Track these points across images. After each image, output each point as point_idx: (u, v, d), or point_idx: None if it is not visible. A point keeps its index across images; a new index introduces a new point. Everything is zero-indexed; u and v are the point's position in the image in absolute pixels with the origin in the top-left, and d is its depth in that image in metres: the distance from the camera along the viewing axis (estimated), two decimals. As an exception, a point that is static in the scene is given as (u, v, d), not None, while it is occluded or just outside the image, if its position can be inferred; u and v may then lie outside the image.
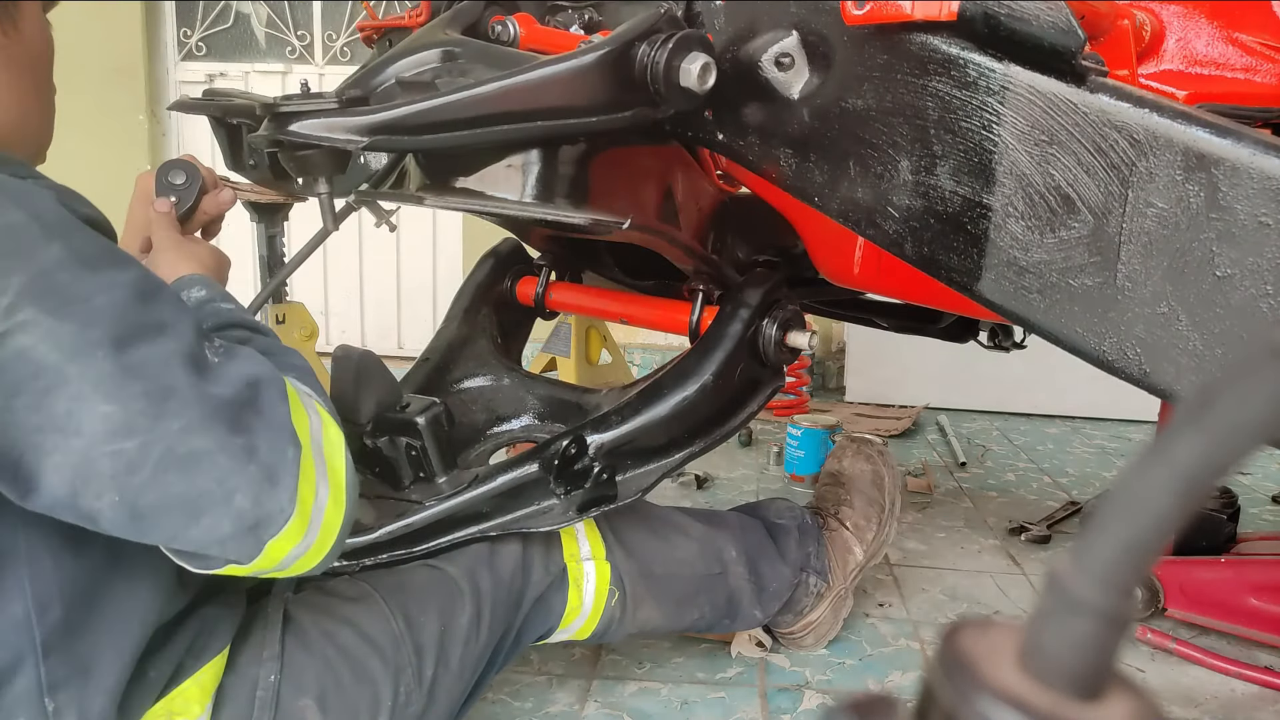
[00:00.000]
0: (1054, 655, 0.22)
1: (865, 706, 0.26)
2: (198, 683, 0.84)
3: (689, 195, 1.23)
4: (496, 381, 1.33)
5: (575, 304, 1.42)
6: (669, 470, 1.13)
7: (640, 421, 1.09)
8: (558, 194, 0.97)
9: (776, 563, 1.30)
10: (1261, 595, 1.40)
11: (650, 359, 3.55)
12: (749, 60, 0.89)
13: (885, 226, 0.84)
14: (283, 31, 3.55)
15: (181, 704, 0.83)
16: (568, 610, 1.14)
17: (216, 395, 0.67)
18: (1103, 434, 2.85)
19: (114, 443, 0.63)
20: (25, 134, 0.81)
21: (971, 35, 0.75)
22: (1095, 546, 0.22)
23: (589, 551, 1.15)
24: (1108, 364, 0.73)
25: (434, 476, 1.07)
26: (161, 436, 0.64)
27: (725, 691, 1.30)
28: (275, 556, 0.71)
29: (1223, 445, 0.21)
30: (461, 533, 1.06)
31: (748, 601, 1.28)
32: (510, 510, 1.07)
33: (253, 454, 0.67)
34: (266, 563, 0.71)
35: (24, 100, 0.80)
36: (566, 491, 1.06)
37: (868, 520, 1.42)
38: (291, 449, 0.70)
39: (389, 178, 1.03)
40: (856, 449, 1.49)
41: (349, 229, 3.42)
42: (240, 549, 0.69)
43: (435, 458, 1.06)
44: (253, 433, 0.68)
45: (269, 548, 0.70)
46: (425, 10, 1.16)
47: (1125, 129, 0.69)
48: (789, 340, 1.18)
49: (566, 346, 2.34)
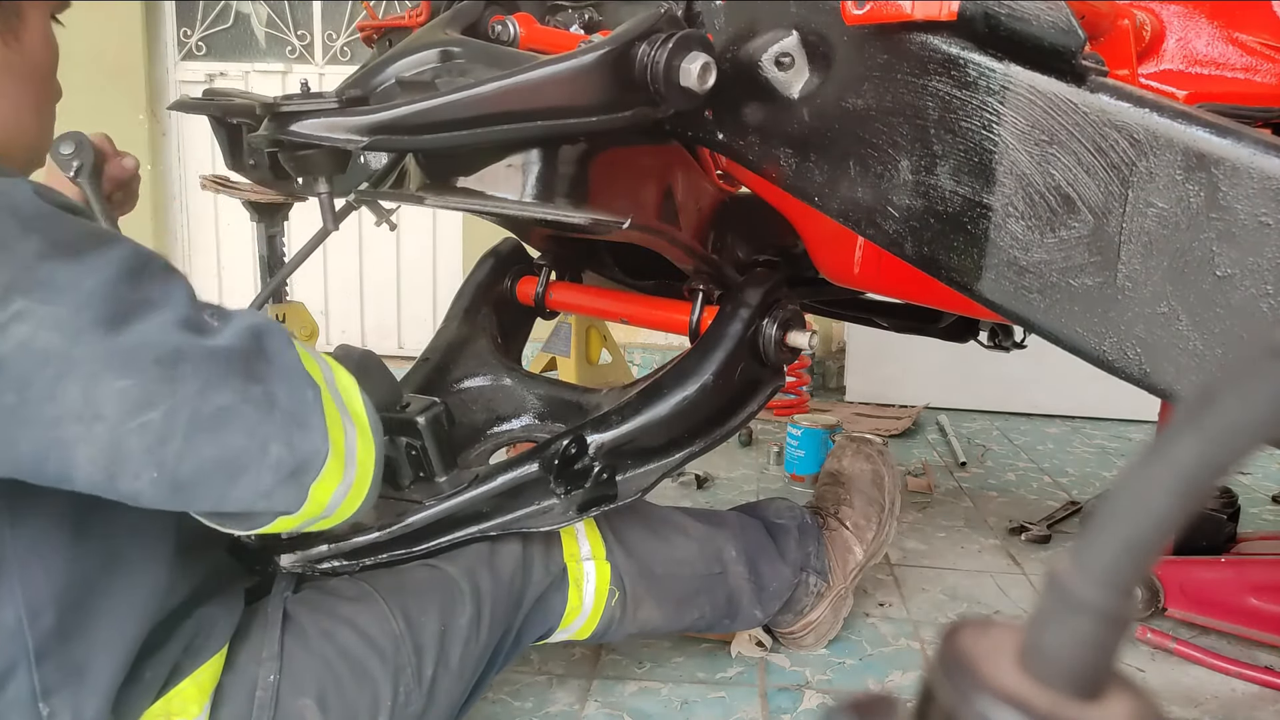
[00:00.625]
0: (1054, 655, 0.22)
1: (865, 706, 0.26)
2: (195, 682, 0.84)
3: (689, 195, 1.23)
4: (496, 381, 1.33)
5: (575, 303, 1.42)
6: (669, 470, 1.13)
7: (640, 421, 1.09)
8: (558, 194, 0.97)
9: (776, 562, 1.30)
10: (1261, 595, 1.40)
11: (650, 359, 3.55)
12: (749, 60, 0.89)
13: (885, 226, 0.84)
14: (283, 31, 3.55)
15: (179, 704, 0.83)
16: (568, 610, 1.14)
17: (224, 349, 0.66)
18: (1103, 434, 2.85)
19: (138, 416, 0.62)
20: (21, 143, 0.80)
21: (971, 35, 0.74)
22: (1095, 546, 0.22)
23: (589, 551, 1.15)
24: (1108, 364, 0.73)
25: (434, 476, 1.07)
26: (184, 400, 0.63)
27: (725, 691, 1.30)
28: (320, 500, 0.71)
29: (1223, 445, 0.21)
30: (461, 532, 1.06)
31: (748, 601, 1.28)
32: (510, 510, 1.07)
33: (274, 401, 0.67)
34: (314, 508, 0.71)
35: (20, 111, 0.79)
36: (566, 491, 1.06)
37: (867, 520, 1.42)
38: (310, 390, 0.69)
39: (389, 177, 1.03)
40: (856, 449, 1.49)
41: (349, 229, 3.42)
42: (286, 498, 0.68)
43: (435, 457, 1.06)
44: (268, 380, 0.67)
45: (313, 492, 0.70)
46: (425, 10, 1.16)
47: (1125, 129, 0.69)
48: (789, 340, 1.18)
49: (566, 346, 2.34)
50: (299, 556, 0.98)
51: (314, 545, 0.99)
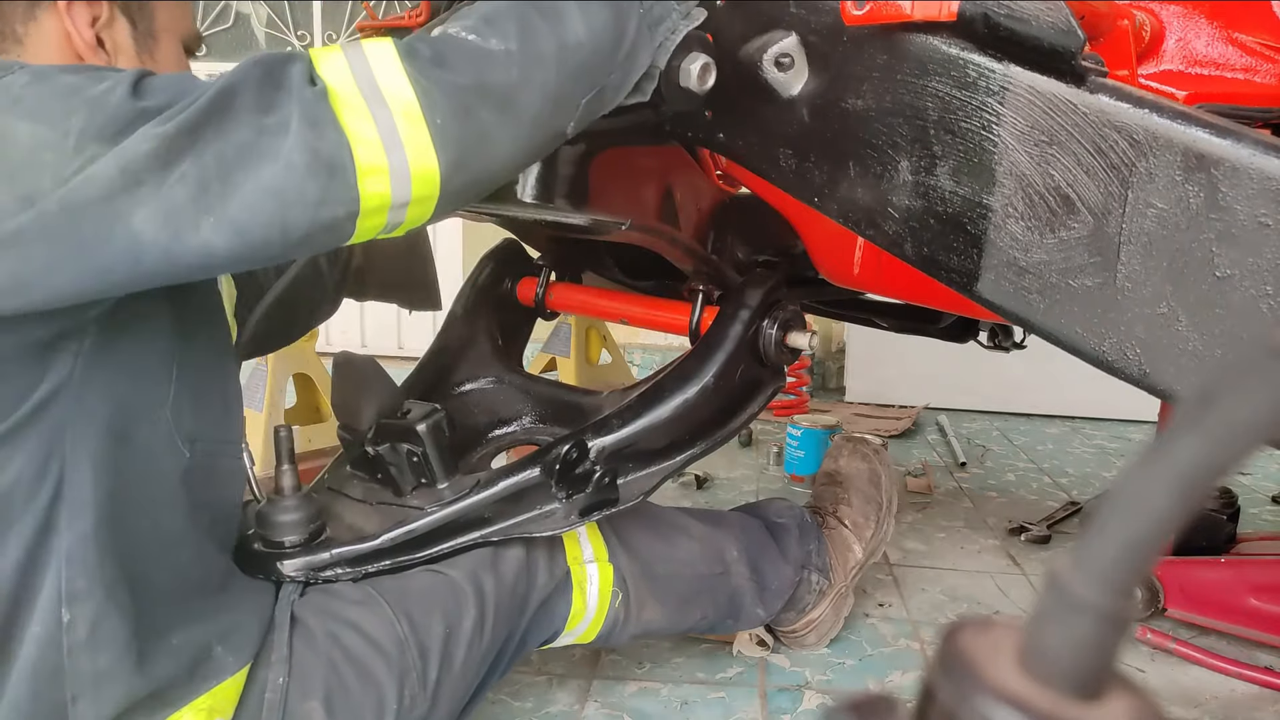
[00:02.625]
0: (1054, 655, 0.22)
1: (865, 706, 0.26)
2: (235, 683, 0.87)
3: (689, 195, 1.23)
4: (498, 384, 1.33)
5: (575, 303, 1.42)
6: (671, 472, 1.13)
7: (641, 424, 1.09)
8: (558, 194, 0.97)
9: (778, 561, 1.31)
10: (1261, 595, 1.40)
11: (650, 359, 3.55)
12: (749, 60, 0.89)
13: (885, 227, 0.84)
14: (283, 31, 3.55)
15: (223, 701, 0.86)
16: (572, 614, 1.14)
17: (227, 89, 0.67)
18: (1103, 434, 2.86)
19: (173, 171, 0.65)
20: None
21: (971, 36, 0.75)
22: (1095, 546, 0.22)
23: (591, 554, 1.14)
24: (1108, 364, 0.73)
25: (436, 482, 1.07)
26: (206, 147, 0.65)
27: (725, 691, 1.30)
28: (379, 192, 0.70)
29: (1223, 445, 0.21)
30: (464, 538, 1.05)
31: (750, 600, 1.28)
32: (512, 515, 1.07)
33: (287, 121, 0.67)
34: (377, 200, 0.70)
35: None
36: (568, 495, 1.06)
37: (866, 518, 1.42)
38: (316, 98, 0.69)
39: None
40: (852, 448, 1.49)
41: (349, 229, 3.42)
42: (340, 198, 0.69)
43: (437, 464, 1.06)
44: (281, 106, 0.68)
45: (362, 184, 0.69)
46: (425, 10, 1.16)
47: (1125, 129, 0.69)
48: (789, 340, 1.18)
49: (566, 347, 2.34)
50: (302, 564, 0.98)
51: (317, 553, 0.99)
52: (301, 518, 0.99)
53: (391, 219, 0.73)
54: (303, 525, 0.99)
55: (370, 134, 0.69)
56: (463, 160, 0.73)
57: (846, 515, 1.42)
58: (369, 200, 0.70)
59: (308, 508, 1.00)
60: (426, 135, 0.71)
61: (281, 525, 0.98)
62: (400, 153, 0.70)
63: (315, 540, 1.00)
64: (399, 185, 0.71)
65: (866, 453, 1.48)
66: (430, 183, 0.72)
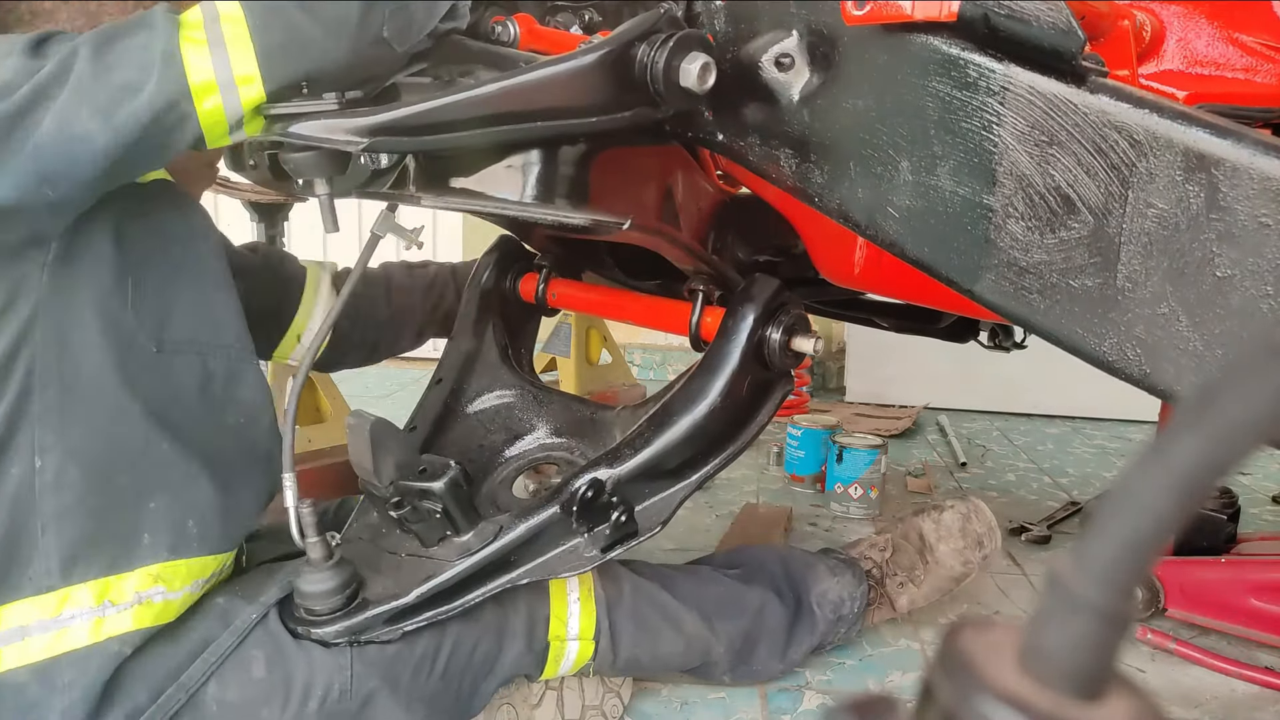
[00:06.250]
0: (1054, 655, 0.22)
1: (865, 706, 0.26)
2: (190, 564, 0.97)
3: (689, 195, 1.23)
4: (510, 396, 1.34)
5: (577, 300, 1.42)
6: (688, 493, 1.13)
7: (653, 450, 1.10)
8: (558, 194, 0.97)
9: (770, 660, 1.30)
10: (1261, 595, 1.40)
11: (650, 359, 3.55)
12: (749, 60, 0.89)
13: (885, 227, 0.84)
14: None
15: (169, 573, 0.96)
16: (542, 676, 1.17)
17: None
18: (1103, 434, 2.86)
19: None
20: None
21: (972, 36, 0.74)
22: (1095, 546, 0.22)
23: (577, 631, 1.15)
24: (1108, 364, 0.73)
25: (460, 533, 1.09)
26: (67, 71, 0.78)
27: (725, 692, 1.30)
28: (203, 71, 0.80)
29: (1223, 445, 0.21)
30: (493, 584, 1.07)
31: (719, 675, 1.29)
32: (537, 555, 1.09)
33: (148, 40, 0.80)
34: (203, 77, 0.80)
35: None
36: (589, 529, 1.08)
37: (918, 604, 1.42)
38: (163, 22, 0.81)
39: (389, 177, 1.03)
40: (966, 537, 1.39)
41: (349, 229, 3.42)
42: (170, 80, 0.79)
43: (459, 516, 1.09)
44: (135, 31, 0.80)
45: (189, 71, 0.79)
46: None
47: (1125, 129, 0.69)
48: (794, 345, 1.17)
49: (566, 346, 2.34)
50: (343, 628, 1.01)
51: (355, 616, 1.01)
52: (335, 586, 1.01)
53: (228, 101, 0.82)
54: (338, 592, 1.02)
55: (199, 35, 0.81)
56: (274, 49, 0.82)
57: (903, 597, 1.40)
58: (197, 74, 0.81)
59: (341, 575, 1.02)
60: (245, 29, 0.81)
61: (317, 596, 1.01)
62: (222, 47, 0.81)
63: (352, 604, 1.03)
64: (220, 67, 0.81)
65: (972, 548, 1.40)
66: (248, 62, 0.81)
